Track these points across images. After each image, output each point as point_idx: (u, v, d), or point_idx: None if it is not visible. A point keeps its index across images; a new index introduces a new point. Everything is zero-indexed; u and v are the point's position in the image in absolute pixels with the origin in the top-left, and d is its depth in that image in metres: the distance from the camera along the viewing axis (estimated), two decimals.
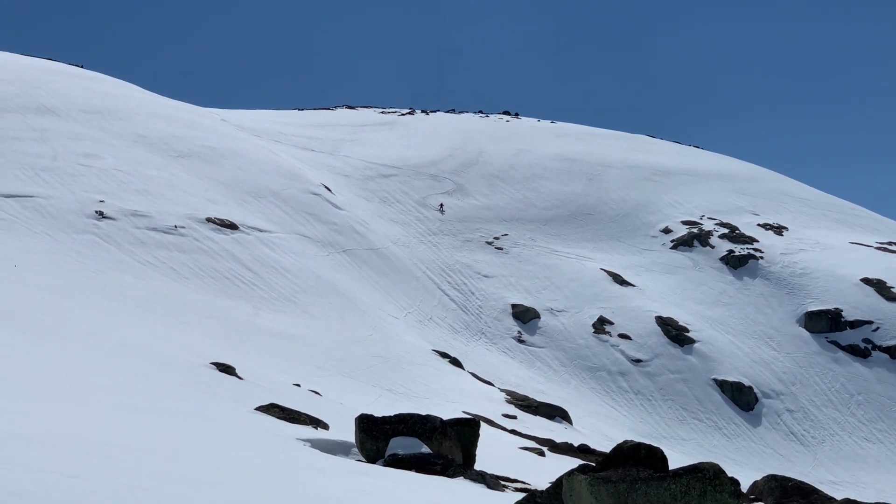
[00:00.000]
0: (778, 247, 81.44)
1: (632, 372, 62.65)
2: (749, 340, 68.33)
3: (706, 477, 9.14)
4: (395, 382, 38.27)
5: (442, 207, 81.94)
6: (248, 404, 19.04)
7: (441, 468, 14.40)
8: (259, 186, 64.02)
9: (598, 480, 9.13)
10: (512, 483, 17.12)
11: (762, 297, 73.88)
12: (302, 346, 38.34)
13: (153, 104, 79.61)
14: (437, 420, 15.90)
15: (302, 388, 27.54)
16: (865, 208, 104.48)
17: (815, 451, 59.66)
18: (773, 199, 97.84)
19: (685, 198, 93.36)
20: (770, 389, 63.71)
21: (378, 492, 10.91)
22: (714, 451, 56.78)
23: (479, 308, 66.56)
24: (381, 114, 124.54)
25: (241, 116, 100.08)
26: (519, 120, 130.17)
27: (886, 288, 72.95)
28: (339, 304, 49.19)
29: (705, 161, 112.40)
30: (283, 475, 10.94)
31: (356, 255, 62.24)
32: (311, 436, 16.29)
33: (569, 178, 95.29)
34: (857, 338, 69.19)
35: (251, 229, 53.97)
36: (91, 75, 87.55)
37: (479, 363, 56.73)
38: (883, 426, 62.24)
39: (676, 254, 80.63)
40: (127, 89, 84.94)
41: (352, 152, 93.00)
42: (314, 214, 64.04)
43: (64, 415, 11.87)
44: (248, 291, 44.54)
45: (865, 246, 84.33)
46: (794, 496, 19.64)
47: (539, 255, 76.55)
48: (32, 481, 7.62)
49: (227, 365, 25.05)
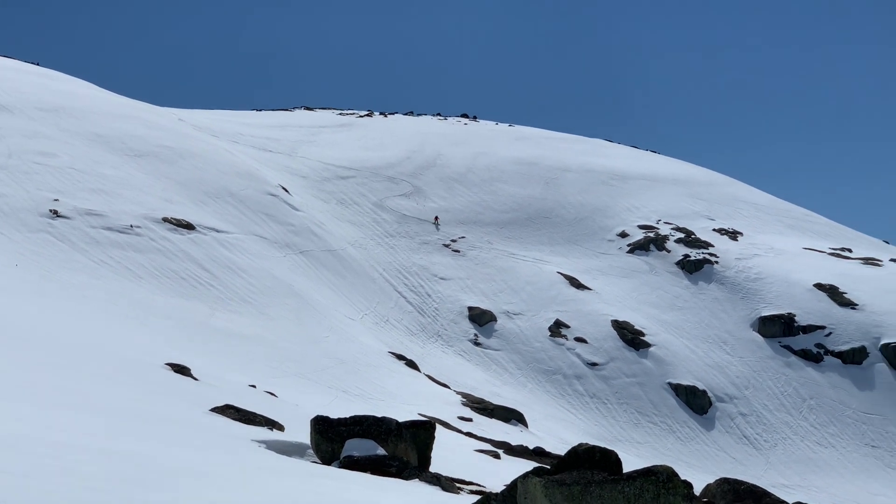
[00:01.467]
0: (733, 252, 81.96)
1: (587, 375, 62.85)
2: (703, 344, 68.73)
3: (659, 480, 9.20)
4: (350, 384, 38.20)
5: (437, 221, 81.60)
6: (204, 405, 18.96)
7: (396, 470, 14.41)
8: (216, 187, 63.74)
9: (552, 483, 9.17)
10: (467, 485, 17.14)
11: (717, 302, 74.33)
12: (258, 347, 38.20)
13: (110, 103, 79.08)
14: (393, 422, 15.91)
15: (258, 390, 27.45)
16: (819, 214, 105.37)
17: (768, 454, 60.08)
18: (729, 204, 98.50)
19: (642, 202, 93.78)
20: (724, 393, 64.10)
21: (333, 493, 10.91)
22: (668, 454, 57.07)
23: (435, 310, 66.56)
24: (339, 115, 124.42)
25: (199, 116, 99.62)
26: (477, 123, 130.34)
27: (839, 293, 73.59)
28: (296, 305, 49.06)
29: (662, 166, 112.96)
30: (238, 477, 10.91)
31: (313, 256, 62.08)
32: (266, 437, 16.25)
33: (526, 182, 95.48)
34: (809, 343, 69.75)
35: (208, 230, 53.72)
36: (47, 73, 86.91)
37: (436, 365, 56.71)
38: (834, 430, 62.77)
39: (633, 258, 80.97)
40: (83, 87, 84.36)
41: (309, 153, 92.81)
42: (271, 215, 63.84)
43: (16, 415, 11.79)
44: (204, 292, 44.33)
45: (818, 252, 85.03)
46: (747, 499, 19.77)
47: (496, 258, 76.65)
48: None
49: (183, 366, 24.93)
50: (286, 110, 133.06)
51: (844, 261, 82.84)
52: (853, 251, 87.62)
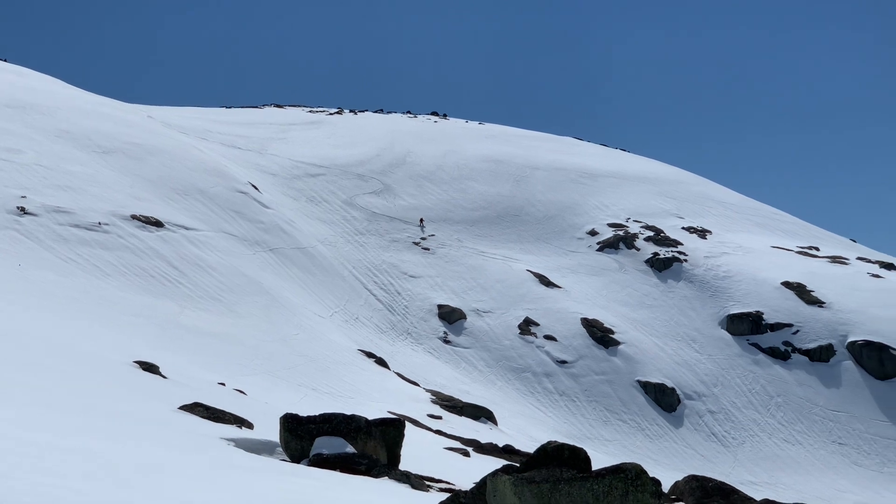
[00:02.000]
0: (701, 250, 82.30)
1: (557, 373, 62.97)
2: (672, 342, 68.98)
3: (628, 477, 9.24)
4: (320, 382, 38.16)
5: (422, 223, 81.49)
6: (172, 403, 18.88)
7: (366, 468, 14.40)
8: (185, 184, 63.50)
9: (521, 481, 9.19)
10: (436, 483, 17.15)
11: (686, 300, 74.63)
12: (227, 344, 38.09)
13: (77, 99, 78.66)
14: (362, 420, 15.90)
15: (227, 388, 27.38)
16: (787, 213, 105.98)
17: (736, 451, 60.37)
18: (698, 202, 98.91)
19: (611, 200, 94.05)
20: (692, 391, 64.36)
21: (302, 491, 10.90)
22: (637, 451, 57.26)
23: (405, 308, 66.55)
24: (309, 113, 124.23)
25: (168, 113, 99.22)
26: (447, 121, 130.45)
27: (806, 291, 74.01)
28: (265, 302, 48.94)
29: (631, 164, 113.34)
30: (207, 475, 10.89)
31: (283, 253, 61.96)
32: (235, 435, 16.21)
33: (496, 180, 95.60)
34: (777, 340, 70.11)
35: (177, 227, 53.51)
36: (14, 69, 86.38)
37: (405, 363, 56.71)
38: (802, 428, 63.13)
39: (602, 256, 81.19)
40: (50, 84, 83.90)
41: (279, 151, 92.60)
42: (241, 213, 63.66)
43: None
44: (173, 289, 44.15)
45: (786, 250, 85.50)
46: (715, 496, 19.86)
47: (466, 256, 76.70)
48: None
49: (151, 363, 24.83)
50: (256, 107, 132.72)
51: (812, 259, 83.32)
52: (820, 249, 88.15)
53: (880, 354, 67.44)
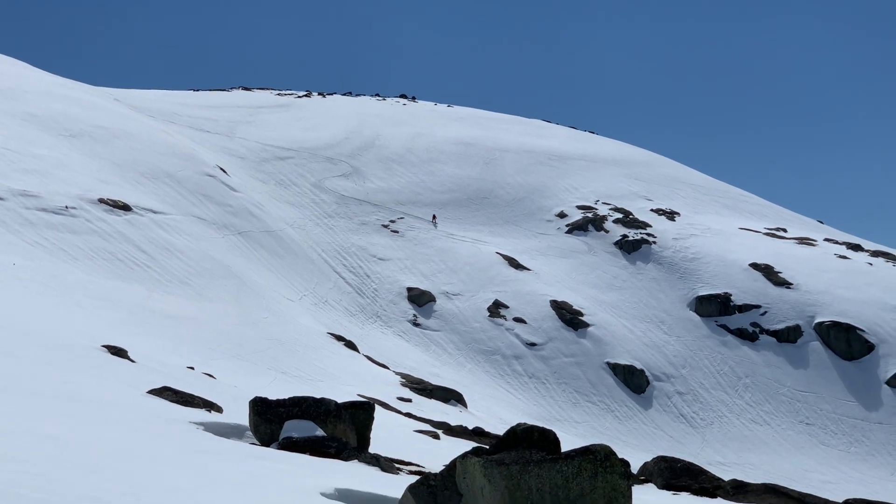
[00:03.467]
0: (670, 232, 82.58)
1: (526, 355, 63.13)
2: (641, 324, 69.25)
3: (597, 458, 9.27)
4: (289, 365, 38.11)
5: (434, 220, 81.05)
6: (141, 387, 18.82)
7: (335, 451, 14.40)
8: (153, 167, 63.22)
9: (491, 463, 9.21)
10: (406, 466, 17.17)
11: (654, 282, 74.90)
12: (196, 328, 37.98)
13: (44, 83, 78.13)
14: (332, 403, 15.89)
15: (196, 371, 27.30)
16: (754, 194, 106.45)
17: (704, 432, 60.72)
18: (666, 184, 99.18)
19: (580, 183, 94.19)
20: (661, 372, 64.66)
21: (272, 475, 10.89)
22: (606, 433, 57.51)
23: (374, 291, 66.53)
24: (277, 96, 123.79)
25: (135, 96, 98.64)
26: (416, 103, 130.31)
27: (774, 273, 74.41)
28: (234, 286, 48.83)
29: (600, 146, 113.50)
30: (176, 458, 10.86)
31: (251, 237, 61.80)
32: (204, 419, 16.17)
33: (465, 162, 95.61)
34: (745, 322, 70.50)
35: (144, 211, 53.27)
36: None
37: (375, 346, 56.71)
38: (769, 408, 63.53)
39: (571, 238, 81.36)
40: (16, 67, 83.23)
41: (248, 134, 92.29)
42: (209, 196, 63.44)
43: None
44: (141, 273, 43.98)
45: (754, 231, 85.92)
46: (683, 477, 19.98)
47: (435, 239, 76.72)
48: None
49: (119, 348, 24.72)
50: (223, 90, 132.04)
51: (779, 240, 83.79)
52: (788, 231, 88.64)
53: (847, 335, 67.93)
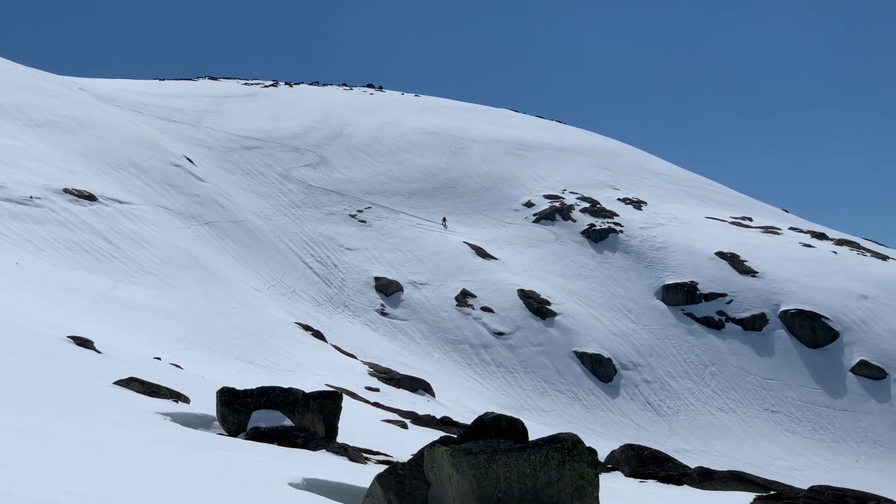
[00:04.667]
0: (637, 221, 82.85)
1: (494, 344, 63.23)
2: (609, 313, 69.47)
3: (565, 447, 9.32)
4: (257, 355, 38.08)
5: (444, 222, 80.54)
6: (107, 378, 18.75)
7: (303, 441, 14.42)
8: (119, 157, 62.88)
9: (459, 452, 9.25)
10: (374, 455, 17.21)
11: (622, 271, 75.14)
12: (163, 319, 37.88)
13: (6, 71, 77.50)
14: (300, 393, 15.90)
15: (163, 362, 27.24)
16: (720, 184, 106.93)
17: (671, 420, 61.03)
18: (633, 174, 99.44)
19: (547, 172, 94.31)
20: (628, 361, 64.91)
21: (240, 465, 10.90)
22: (574, 421, 57.69)
23: (342, 281, 66.47)
24: (244, 85, 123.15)
25: (100, 85, 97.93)
26: (383, 93, 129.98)
27: (740, 262, 74.82)
28: (201, 276, 48.68)
29: (567, 136, 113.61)
30: (144, 450, 10.85)
31: (218, 227, 61.61)
32: (171, 409, 16.15)
33: (432, 152, 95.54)
34: (711, 310, 70.86)
35: (110, 201, 53.00)
36: None
37: (342, 336, 56.70)
38: (735, 396, 63.91)
39: (538, 227, 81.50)
40: None
41: (214, 124, 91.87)
42: (175, 186, 63.18)
43: None
44: (107, 264, 43.77)
45: (720, 220, 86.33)
46: (650, 464, 20.12)
47: (402, 229, 76.70)
48: None
49: (85, 338, 24.64)
50: (190, 80, 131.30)
51: (745, 229, 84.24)
52: (753, 220, 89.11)
53: (812, 323, 68.43)
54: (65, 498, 6.93)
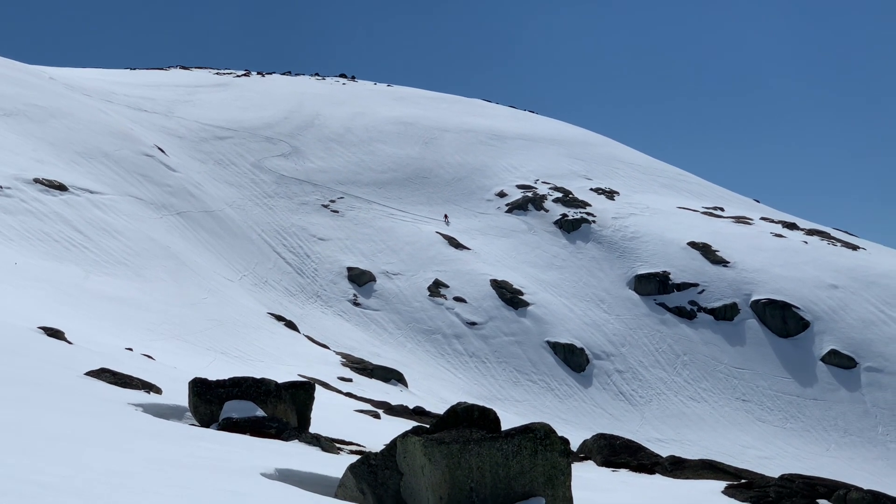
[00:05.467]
0: (609, 211, 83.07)
1: (467, 335, 63.29)
2: (581, 303, 69.63)
3: (537, 437, 9.33)
4: (230, 346, 37.97)
5: (447, 219, 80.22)
6: (78, 369, 18.64)
7: (276, 431, 14.38)
8: (89, 147, 62.54)
9: (431, 442, 9.24)
10: (347, 445, 17.19)
11: (594, 261, 75.33)
12: (134, 309, 37.70)
13: None
14: (272, 383, 15.85)
15: (134, 353, 27.11)
16: (692, 174, 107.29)
17: (643, 410, 61.24)
18: (606, 164, 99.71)
19: (520, 162, 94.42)
20: (601, 351, 65.10)
21: (212, 455, 10.86)
22: (546, 411, 57.83)
23: (314, 271, 66.37)
24: (216, 75, 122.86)
25: (71, 75, 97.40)
26: (356, 83, 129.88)
27: (712, 251, 75.13)
28: (173, 266, 48.49)
29: (540, 126, 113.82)
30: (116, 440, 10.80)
31: (190, 217, 61.38)
32: (143, 400, 16.07)
33: (405, 142, 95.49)
34: (683, 300, 71.16)
35: (81, 191, 52.70)
36: None
37: (315, 326, 56.63)
38: (707, 385, 64.20)
39: (511, 217, 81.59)
40: None
41: (186, 113, 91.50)
42: (147, 176, 62.90)
43: None
44: (78, 254, 43.54)
45: (692, 210, 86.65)
46: (622, 454, 20.18)
47: (375, 219, 76.64)
48: None
49: (56, 329, 24.49)
50: (161, 69, 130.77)
51: (717, 219, 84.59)
52: (725, 210, 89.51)
53: (783, 313, 68.80)
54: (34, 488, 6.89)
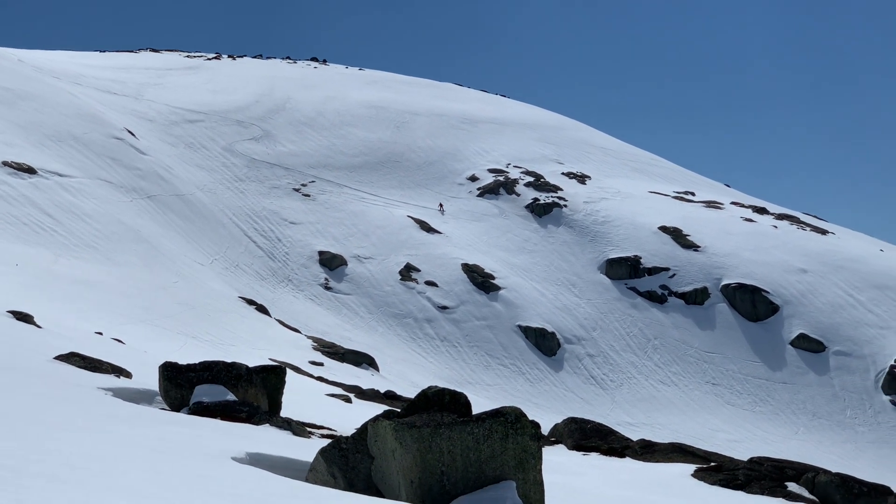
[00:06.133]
0: (581, 195, 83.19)
1: (438, 318, 63.31)
2: (552, 287, 69.75)
3: (508, 421, 9.34)
4: (200, 330, 37.86)
5: (441, 208, 79.84)
6: (48, 353, 18.55)
7: (246, 415, 14.35)
8: (59, 130, 62.14)
9: (402, 426, 9.24)
10: (318, 430, 17.19)
11: (565, 245, 75.45)
12: (105, 293, 37.54)
13: None
14: (243, 367, 15.82)
15: (104, 337, 27.00)
16: (664, 158, 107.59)
17: (614, 394, 61.45)
18: (577, 148, 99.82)
19: (492, 146, 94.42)
20: (572, 335, 65.24)
21: (182, 440, 10.83)
22: (518, 395, 57.91)
23: (285, 255, 66.22)
24: (186, 58, 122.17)
25: (40, 57, 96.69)
26: (327, 66, 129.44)
27: (682, 236, 75.38)
28: (144, 250, 48.29)
29: (512, 110, 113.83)
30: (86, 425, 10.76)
31: (161, 201, 61.10)
32: (113, 384, 16.01)
33: (377, 126, 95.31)
34: (654, 284, 71.38)
35: (50, 174, 52.39)
36: None
37: (286, 310, 56.53)
38: (677, 369, 64.48)
39: (483, 201, 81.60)
40: None
41: (156, 97, 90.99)
42: (117, 159, 62.56)
43: None
44: (47, 238, 43.30)
45: (663, 195, 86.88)
46: (593, 437, 20.27)
47: (346, 203, 76.50)
48: None
49: (25, 313, 24.37)
50: (131, 52, 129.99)
51: (688, 204, 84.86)
52: (696, 194, 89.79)
53: (753, 297, 69.15)
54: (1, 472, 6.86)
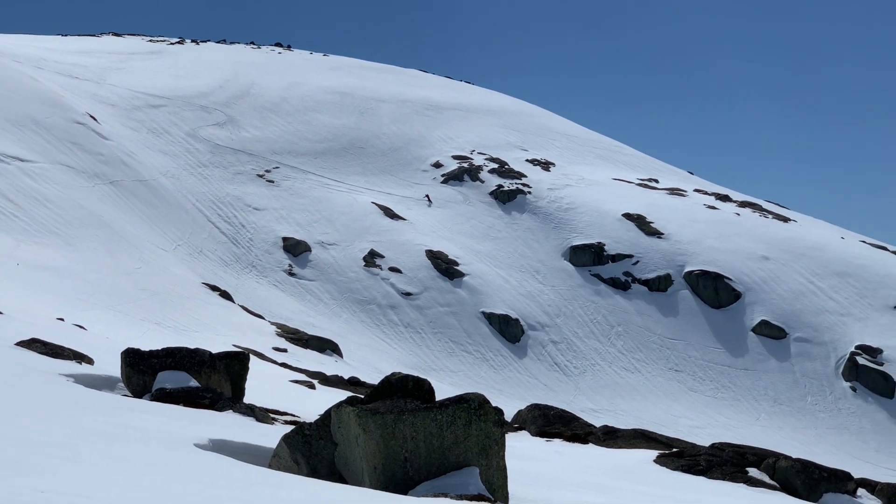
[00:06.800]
0: (545, 182, 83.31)
1: (402, 305, 63.31)
2: (516, 274, 69.88)
3: (471, 407, 9.38)
4: (163, 316, 37.74)
5: (428, 198, 79.33)
6: (8, 339, 18.44)
7: (210, 402, 14.32)
8: (19, 114, 61.64)
9: (366, 412, 9.25)
10: (281, 416, 17.17)
11: (529, 232, 75.57)
12: (66, 279, 37.35)
13: None
14: (206, 354, 15.78)
15: (66, 323, 26.87)
16: (628, 146, 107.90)
17: (577, 380, 61.67)
18: (541, 135, 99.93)
19: (456, 133, 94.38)
20: (536, 322, 65.39)
21: (145, 426, 10.79)
22: (481, 382, 58.01)
23: (249, 241, 66.02)
24: (149, 42, 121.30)
25: (0, 41, 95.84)
26: (291, 52, 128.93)
27: (646, 223, 75.67)
28: (106, 236, 48.05)
29: (476, 96, 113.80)
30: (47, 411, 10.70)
31: (123, 186, 60.78)
32: (74, 371, 15.92)
33: (341, 112, 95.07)
34: (618, 271, 71.62)
35: (11, 159, 52.00)
36: None
37: (250, 296, 56.40)
38: (641, 356, 64.77)
39: (447, 188, 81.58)
40: None
41: (119, 81, 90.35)
42: (79, 144, 62.14)
43: None
44: (8, 223, 43.01)
45: (627, 182, 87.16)
46: (556, 424, 20.37)
47: (311, 189, 76.31)
48: None
49: None
50: (93, 36, 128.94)
51: (651, 191, 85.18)
52: (660, 182, 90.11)
53: (715, 284, 69.53)
54: None
